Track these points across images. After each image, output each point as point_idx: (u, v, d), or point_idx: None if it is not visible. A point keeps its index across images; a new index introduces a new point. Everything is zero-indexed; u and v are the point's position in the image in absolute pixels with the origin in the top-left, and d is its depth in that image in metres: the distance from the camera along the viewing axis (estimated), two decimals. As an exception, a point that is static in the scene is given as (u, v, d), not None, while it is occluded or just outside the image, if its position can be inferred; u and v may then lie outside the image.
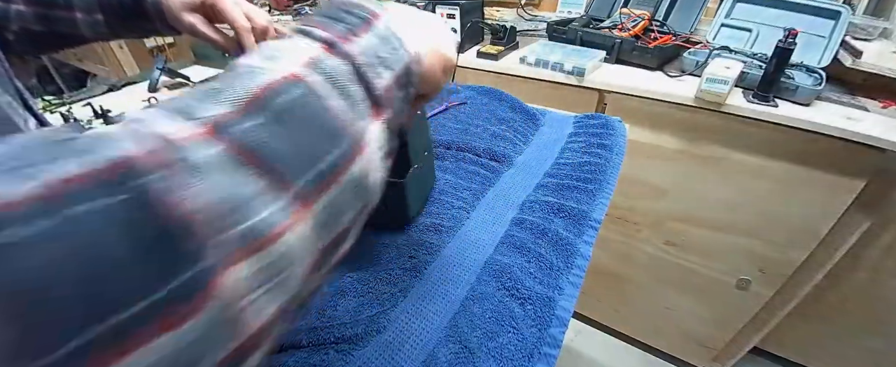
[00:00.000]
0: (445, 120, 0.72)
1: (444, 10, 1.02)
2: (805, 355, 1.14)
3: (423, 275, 0.45)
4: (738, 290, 1.02)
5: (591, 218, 0.51)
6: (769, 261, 0.95)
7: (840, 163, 0.77)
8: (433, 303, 0.42)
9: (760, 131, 0.82)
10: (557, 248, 0.47)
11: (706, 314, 1.12)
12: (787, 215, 0.87)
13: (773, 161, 0.84)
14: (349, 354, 0.37)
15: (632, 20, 1.01)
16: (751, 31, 0.94)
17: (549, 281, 0.44)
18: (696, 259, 1.05)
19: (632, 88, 0.89)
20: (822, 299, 0.98)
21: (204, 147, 0.13)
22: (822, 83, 0.80)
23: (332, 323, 0.39)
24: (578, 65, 0.91)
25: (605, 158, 0.61)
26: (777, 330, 1.04)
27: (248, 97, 0.15)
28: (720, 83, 0.78)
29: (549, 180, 0.58)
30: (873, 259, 0.88)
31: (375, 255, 0.47)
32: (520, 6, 1.37)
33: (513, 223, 0.52)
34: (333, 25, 0.20)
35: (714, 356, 1.18)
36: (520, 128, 0.71)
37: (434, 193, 0.56)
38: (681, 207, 1.00)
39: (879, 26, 0.88)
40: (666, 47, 0.95)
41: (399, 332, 0.40)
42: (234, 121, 0.15)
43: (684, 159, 0.93)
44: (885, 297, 0.92)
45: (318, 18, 0.21)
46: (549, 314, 0.40)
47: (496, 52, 1.02)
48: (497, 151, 0.64)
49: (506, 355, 0.37)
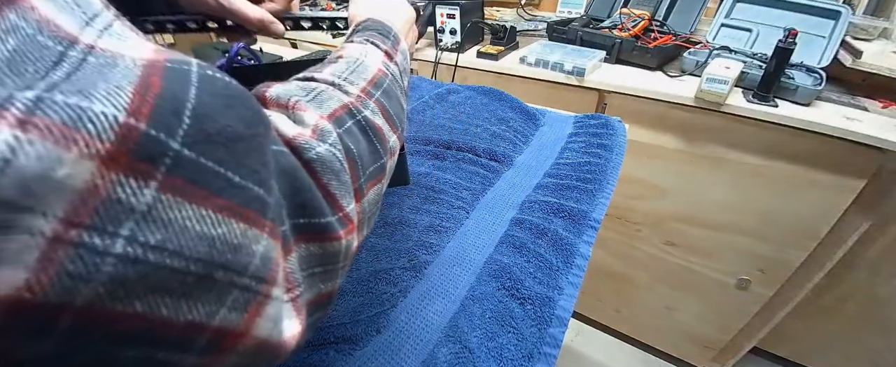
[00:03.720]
0: (445, 120, 0.72)
1: (444, 10, 1.02)
2: (805, 355, 1.14)
3: (423, 275, 0.45)
4: (738, 290, 1.02)
5: (591, 218, 0.51)
6: (769, 261, 0.95)
7: (840, 163, 0.77)
8: (433, 303, 0.42)
9: (760, 131, 0.82)
10: (557, 248, 0.47)
11: (706, 314, 1.12)
12: (787, 215, 0.87)
13: (773, 161, 0.84)
14: (349, 354, 0.37)
15: (632, 20, 1.01)
16: (751, 31, 0.94)
17: (548, 281, 0.44)
18: (696, 259, 1.05)
19: (632, 88, 0.89)
20: (822, 299, 0.98)
21: (370, 102, 0.26)
22: (822, 83, 0.80)
23: (332, 323, 0.39)
24: (578, 65, 0.91)
25: (605, 158, 0.61)
26: (777, 330, 1.04)
27: (370, 78, 0.27)
28: (720, 83, 0.78)
29: (548, 180, 0.58)
30: (873, 259, 0.88)
31: (375, 255, 0.47)
32: (520, 6, 1.37)
33: (513, 223, 0.52)
34: (385, 41, 0.31)
35: (714, 356, 1.18)
36: (520, 128, 0.71)
37: (434, 192, 0.56)
38: (681, 207, 1.00)
39: (879, 26, 0.88)
40: (666, 47, 0.95)
41: (399, 332, 0.40)
42: (372, 91, 0.26)
43: (684, 159, 0.93)
44: (884, 297, 0.92)
45: (375, 34, 0.31)
46: (548, 314, 0.40)
47: (496, 52, 1.02)
48: (497, 151, 0.64)
49: (506, 355, 0.37)
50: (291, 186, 0.17)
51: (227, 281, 0.13)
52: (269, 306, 0.15)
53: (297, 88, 0.23)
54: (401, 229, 0.50)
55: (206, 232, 0.13)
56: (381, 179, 0.25)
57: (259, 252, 0.15)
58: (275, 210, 0.16)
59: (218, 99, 0.14)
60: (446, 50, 1.06)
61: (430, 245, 0.48)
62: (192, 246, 0.12)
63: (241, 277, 0.14)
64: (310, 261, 0.19)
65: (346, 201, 0.21)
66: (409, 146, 0.66)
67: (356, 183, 0.22)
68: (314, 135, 0.20)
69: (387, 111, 0.27)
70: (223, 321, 0.14)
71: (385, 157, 0.25)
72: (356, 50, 0.29)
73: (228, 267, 0.13)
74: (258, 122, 0.15)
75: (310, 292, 0.19)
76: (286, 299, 0.17)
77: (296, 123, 0.21)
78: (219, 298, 0.13)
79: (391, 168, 0.28)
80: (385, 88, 0.28)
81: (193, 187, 0.12)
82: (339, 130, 0.22)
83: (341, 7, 1.57)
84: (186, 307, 0.13)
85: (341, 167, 0.21)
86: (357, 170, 0.22)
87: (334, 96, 0.24)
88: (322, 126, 0.21)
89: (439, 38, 1.07)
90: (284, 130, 0.19)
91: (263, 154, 0.15)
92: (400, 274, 0.44)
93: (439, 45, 1.07)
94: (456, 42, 1.04)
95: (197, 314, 0.13)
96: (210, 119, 0.13)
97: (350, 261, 0.22)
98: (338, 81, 0.25)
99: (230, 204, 0.13)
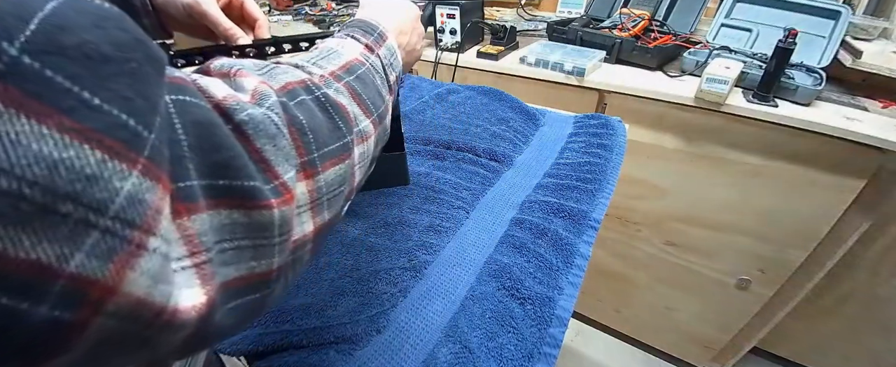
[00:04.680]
0: (446, 120, 0.72)
1: (444, 10, 1.02)
2: (805, 355, 1.14)
3: (423, 275, 0.45)
4: (738, 290, 1.02)
5: (591, 218, 0.51)
6: (769, 261, 0.95)
7: (840, 163, 0.77)
8: (433, 303, 0.42)
9: (760, 131, 0.82)
10: (557, 248, 0.47)
11: (706, 314, 1.12)
12: (787, 214, 0.87)
13: (773, 161, 0.84)
14: (349, 354, 0.37)
15: (632, 20, 1.01)
16: (751, 31, 0.94)
17: (548, 281, 0.44)
18: (696, 259, 1.05)
19: (632, 88, 0.89)
20: (822, 299, 0.98)
21: (335, 83, 0.26)
22: (822, 83, 0.80)
23: (332, 323, 0.39)
24: (578, 65, 0.91)
25: (605, 158, 0.61)
26: (777, 330, 1.04)
27: (342, 63, 0.28)
28: (720, 83, 0.78)
29: (548, 180, 0.59)
30: (873, 259, 0.88)
31: (375, 255, 0.47)
32: (520, 6, 1.37)
33: (512, 223, 0.52)
34: (367, 36, 0.32)
35: (714, 356, 1.18)
36: (520, 128, 0.71)
37: (434, 192, 0.56)
38: (681, 207, 1.00)
39: (879, 26, 0.88)
40: (666, 47, 0.95)
41: (399, 332, 0.40)
42: (342, 74, 0.27)
43: (684, 159, 0.93)
44: (885, 297, 0.92)
45: (356, 30, 0.32)
46: (548, 314, 0.40)
47: (496, 53, 1.02)
48: (497, 151, 0.64)
49: (506, 355, 0.37)
50: (208, 141, 0.16)
51: (79, 218, 0.12)
52: (143, 258, 0.13)
53: (251, 63, 0.23)
54: (401, 229, 0.50)
55: (47, 153, 0.11)
56: (345, 159, 0.24)
57: (123, 190, 0.13)
58: (157, 151, 0.14)
59: (84, 16, 0.13)
60: (446, 50, 1.06)
61: (430, 245, 0.48)
62: (25, 165, 0.11)
63: (99, 216, 0.12)
64: (233, 230, 0.17)
65: (284, 169, 0.19)
66: (409, 146, 0.66)
67: (305, 156, 0.21)
68: (253, 99, 0.19)
69: (358, 95, 0.27)
70: (81, 267, 0.12)
71: (349, 137, 0.24)
72: (333, 42, 0.30)
73: (79, 200, 0.12)
74: (134, 48, 0.14)
75: (235, 268, 0.18)
76: (188, 262, 0.15)
77: (234, 88, 0.20)
78: (71, 237, 0.12)
79: (365, 154, 0.27)
80: (359, 75, 0.28)
81: (33, 101, 0.11)
82: (285, 100, 0.21)
83: (341, 7, 1.57)
84: (28, 242, 0.11)
85: (278, 132, 0.19)
86: (305, 142, 0.21)
87: (291, 73, 0.23)
88: (262, 90, 0.20)
89: (439, 38, 1.07)
90: (213, 92, 0.18)
91: (143, 84, 0.14)
92: (400, 274, 0.44)
93: (439, 45, 1.07)
94: (456, 42, 1.05)
95: (43, 253, 0.11)
96: (67, 31, 0.12)
97: (294, 240, 0.20)
98: (302, 64, 0.26)
99: (82, 127, 0.12)
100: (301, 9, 1.58)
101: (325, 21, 1.37)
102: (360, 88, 0.27)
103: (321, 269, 0.45)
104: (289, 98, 0.21)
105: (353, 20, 0.34)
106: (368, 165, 0.28)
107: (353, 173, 0.25)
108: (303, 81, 0.23)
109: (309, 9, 1.57)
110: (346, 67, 0.27)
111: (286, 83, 0.22)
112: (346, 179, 0.24)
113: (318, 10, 1.52)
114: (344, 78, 0.26)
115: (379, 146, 0.30)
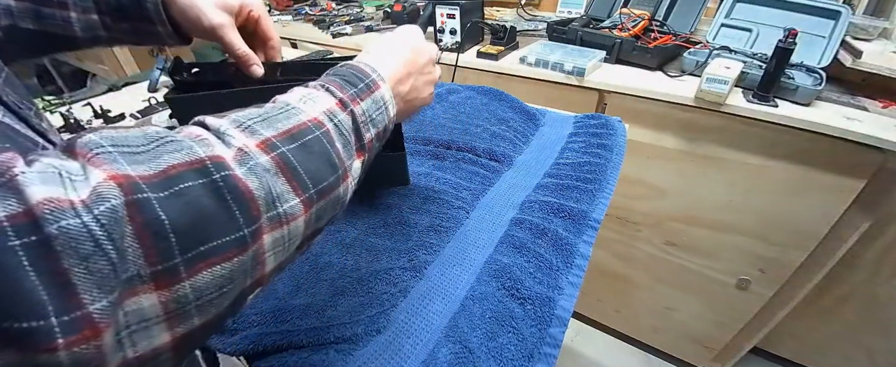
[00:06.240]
0: (446, 120, 0.72)
1: (443, 10, 1.02)
2: (805, 355, 1.14)
3: (423, 275, 0.45)
4: (738, 290, 1.03)
5: (591, 218, 0.51)
6: (769, 261, 0.95)
7: (840, 163, 0.78)
8: (433, 303, 0.42)
9: (760, 131, 0.82)
10: (557, 248, 0.47)
11: (706, 314, 1.12)
12: (787, 214, 0.87)
13: (773, 161, 0.84)
14: (349, 354, 0.37)
15: (632, 20, 1.01)
16: (751, 31, 0.94)
17: (548, 281, 0.44)
18: (696, 259, 1.05)
19: (632, 88, 0.89)
20: (822, 299, 0.98)
21: (258, 157, 0.21)
22: (822, 83, 0.80)
23: (332, 323, 0.39)
24: (578, 65, 0.91)
25: (605, 158, 0.61)
26: (777, 330, 1.04)
27: (287, 128, 0.24)
28: (720, 83, 0.78)
29: (548, 180, 0.59)
30: (873, 259, 0.88)
31: (375, 255, 0.47)
32: (520, 6, 1.38)
33: (512, 223, 0.52)
34: (347, 88, 0.28)
35: (714, 356, 1.18)
36: (520, 128, 0.71)
37: (434, 192, 0.56)
38: (681, 207, 1.00)
39: (879, 26, 0.88)
40: (666, 47, 0.95)
41: (399, 332, 0.40)
42: (280, 143, 0.23)
43: (684, 159, 0.93)
44: (885, 297, 0.92)
45: (337, 79, 0.29)
46: (548, 314, 0.40)
47: (496, 52, 1.02)
48: (497, 151, 0.64)
49: (506, 355, 0.37)
50: None
51: None
52: None
53: (141, 135, 0.20)
54: (401, 229, 0.50)
55: None
56: (235, 255, 0.20)
57: None
58: None
59: None
60: (446, 50, 1.06)
61: (430, 245, 0.48)
62: None
63: None
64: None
65: (93, 297, 0.16)
66: (409, 146, 0.66)
67: (158, 264, 0.17)
68: (87, 200, 0.16)
69: (291, 169, 0.22)
70: None
71: (250, 227, 0.20)
72: (296, 95, 0.26)
73: None
74: None
75: None
76: None
77: (77, 180, 0.16)
78: None
79: (286, 237, 0.23)
80: (306, 142, 0.24)
81: None
82: (145, 195, 0.17)
83: (342, 6, 1.57)
84: None
85: (95, 250, 0.16)
86: (163, 247, 0.17)
87: (189, 149, 0.19)
88: (102, 190, 0.16)
89: (439, 38, 1.07)
90: (30, 193, 0.15)
91: None
92: (400, 274, 0.44)
93: (439, 45, 1.07)
94: (456, 42, 1.05)
95: None
96: None
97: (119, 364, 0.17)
98: (225, 130, 0.22)
99: None
100: (301, 9, 1.58)
101: (325, 21, 1.37)
102: (299, 159, 0.23)
103: (321, 269, 0.45)
104: (159, 189, 0.18)
105: (346, 63, 0.31)
106: (303, 243, 0.25)
107: (260, 262, 0.22)
108: (198, 162, 0.19)
109: (309, 9, 1.57)
110: (290, 134, 0.23)
111: (168, 166, 0.18)
112: (238, 276, 0.20)
113: (318, 10, 1.52)
114: (279, 148, 0.22)
115: (326, 218, 0.26)
